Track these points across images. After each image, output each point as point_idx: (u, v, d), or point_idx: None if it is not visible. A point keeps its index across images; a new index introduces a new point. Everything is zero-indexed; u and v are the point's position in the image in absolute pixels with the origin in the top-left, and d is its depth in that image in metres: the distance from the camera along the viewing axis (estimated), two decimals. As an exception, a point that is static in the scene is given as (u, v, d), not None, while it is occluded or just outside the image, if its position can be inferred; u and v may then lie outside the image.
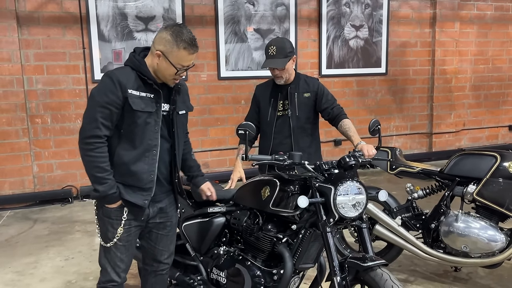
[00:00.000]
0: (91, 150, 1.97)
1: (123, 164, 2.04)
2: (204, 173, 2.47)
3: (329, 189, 1.99)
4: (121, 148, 2.04)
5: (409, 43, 6.90)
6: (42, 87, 5.22)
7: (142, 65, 2.03)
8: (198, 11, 5.72)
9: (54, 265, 3.54)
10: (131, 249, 2.16)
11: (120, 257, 2.12)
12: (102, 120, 1.97)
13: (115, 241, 2.08)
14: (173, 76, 2.02)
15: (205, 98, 5.88)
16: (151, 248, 2.26)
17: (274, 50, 2.76)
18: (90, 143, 1.97)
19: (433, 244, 2.95)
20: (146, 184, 2.07)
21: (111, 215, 2.08)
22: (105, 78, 2.01)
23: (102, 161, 1.99)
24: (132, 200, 2.05)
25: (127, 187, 2.05)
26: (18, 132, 5.13)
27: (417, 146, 7.24)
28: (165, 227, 2.25)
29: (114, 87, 1.97)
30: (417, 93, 7.10)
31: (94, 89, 2.03)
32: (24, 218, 4.77)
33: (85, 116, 2.01)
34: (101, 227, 2.12)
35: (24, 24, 5.07)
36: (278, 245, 2.19)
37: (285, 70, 2.80)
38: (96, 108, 1.97)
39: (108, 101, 1.96)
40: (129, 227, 2.10)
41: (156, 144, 2.06)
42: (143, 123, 2.02)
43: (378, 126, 2.44)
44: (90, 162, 1.98)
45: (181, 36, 1.96)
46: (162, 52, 1.98)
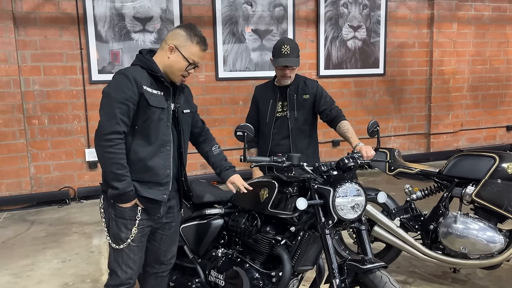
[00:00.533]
0: (111, 146, 1.95)
1: (139, 161, 2.04)
2: (230, 165, 2.39)
3: (328, 191, 1.98)
4: (136, 145, 2.04)
5: (407, 43, 6.91)
6: (39, 88, 5.19)
7: (152, 63, 2.06)
8: (195, 12, 5.71)
9: (51, 267, 3.52)
10: (143, 250, 2.15)
11: (133, 258, 2.10)
12: (121, 116, 1.97)
13: (129, 242, 2.06)
14: (182, 71, 2.07)
15: (203, 99, 5.87)
16: (155, 249, 2.26)
17: (288, 49, 2.76)
18: (110, 139, 1.95)
19: (431, 245, 2.94)
20: (163, 179, 2.08)
21: (125, 215, 2.06)
22: (119, 76, 2.02)
23: (121, 158, 1.98)
24: (151, 196, 2.05)
25: (143, 184, 2.05)
26: (15, 133, 5.10)
27: (415, 147, 7.25)
28: (170, 227, 2.25)
29: (130, 83, 1.99)
30: (415, 94, 7.10)
31: (108, 88, 2.03)
32: (21, 220, 4.74)
33: (103, 113, 2.00)
34: (113, 229, 2.08)
35: (21, 25, 5.04)
36: (277, 247, 2.18)
37: (294, 70, 2.83)
38: (114, 104, 1.96)
39: (126, 97, 1.97)
40: (142, 227, 2.10)
41: (170, 140, 2.09)
42: (157, 119, 2.05)
43: (376, 127, 2.43)
44: (110, 159, 1.96)
45: (195, 32, 2.06)
46: (175, 46, 2.04)
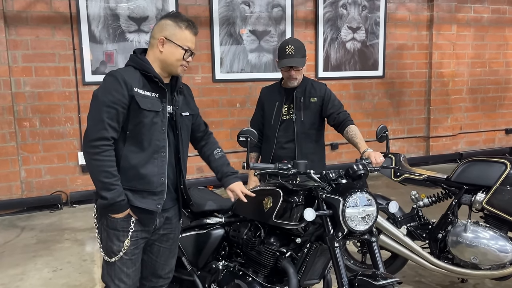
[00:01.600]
0: (98, 153, 1.82)
1: (131, 168, 1.90)
2: (232, 171, 2.24)
3: (337, 201, 1.86)
4: (128, 151, 1.90)
5: (406, 45, 6.82)
6: (30, 89, 5.03)
7: (145, 63, 1.93)
8: (192, 12, 5.58)
9: (42, 277, 3.37)
10: (138, 263, 2.01)
11: (126, 272, 1.96)
12: (108, 121, 1.83)
13: (121, 255, 1.93)
14: (180, 61, 1.94)
15: (199, 101, 5.68)
16: (152, 262, 2.11)
17: (293, 50, 2.67)
18: (97, 146, 1.82)
19: (440, 254, 2.83)
20: (157, 188, 1.94)
21: (117, 226, 1.92)
22: (108, 78, 1.89)
23: (110, 165, 1.84)
24: (144, 206, 1.91)
25: (136, 193, 1.91)
26: (5, 136, 4.94)
27: (414, 150, 7.16)
28: (168, 239, 2.10)
29: (119, 85, 1.85)
30: (414, 96, 7.02)
31: (97, 90, 1.89)
32: (11, 226, 4.58)
33: (89, 118, 1.87)
34: (105, 241, 1.95)
35: (11, 24, 4.88)
36: (282, 259, 2.05)
37: (300, 72, 2.71)
38: (101, 108, 1.83)
39: (114, 100, 1.84)
40: (136, 239, 1.95)
41: (164, 145, 1.96)
42: (150, 123, 1.91)
43: (386, 132, 2.32)
44: (97, 167, 1.82)
45: (181, 18, 1.95)
46: (166, 37, 1.92)
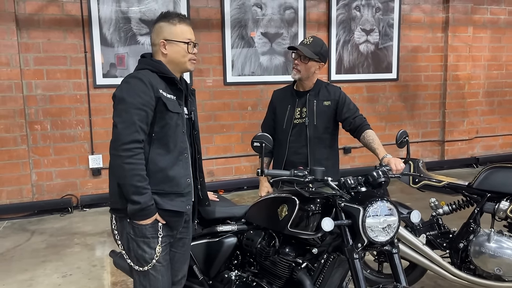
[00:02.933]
0: (131, 157, 1.77)
1: (159, 171, 1.86)
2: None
3: (357, 210, 1.77)
4: (155, 154, 1.87)
5: (420, 48, 6.69)
6: (41, 93, 5.02)
7: (161, 65, 1.93)
8: (204, 14, 5.53)
9: (51, 283, 3.32)
10: (169, 270, 1.97)
11: (161, 280, 1.92)
12: (139, 123, 1.80)
13: (154, 262, 1.88)
14: (186, 55, 1.95)
15: (210, 104, 5.67)
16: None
17: (309, 41, 2.61)
18: (130, 149, 1.77)
19: (461, 265, 2.71)
20: (185, 189, 1.94)
21: (147, 233, 1.87)
22: (133, 80, 1.85)
23: (142, 169, 1.81)
24: (174, 208, 1.88)
25: (164, 196, 1.87)
26: (16, 139, 4.92)
27: (429, 154, 7.01)
28: (184, 244, 2.07)
29: (146, 88, 1.83)
30: (429, 100, 6.88)
31: (120, 93, 1.85)
32: (21, 230, 4.55)
33: (119, 121, 1.81)
34: (134, 251, 1.89)
35: (23, 27, 4.88)
36: (297, 271, 1.96)
37: (306, 67, 2.59)
38: (131, 110, 1.79)
39: (143, 102, 1.81)
40: (166, 244, 1.93)
41: (187, 147, 1.99)
42: (174, 125, 1.90)
43: (406, 138, 2.23)
44: (131, 171, 1.77)
45: (171, 16, 1.96)
46: (165, 39, 1.94)
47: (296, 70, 2.61)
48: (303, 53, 2.54)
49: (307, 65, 2.58)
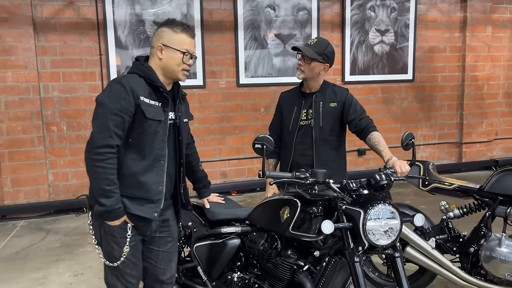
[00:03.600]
0: (102, 160, 1.82)
1: (131, 175, 1.90)
2: (209, 184, 2.42)
3: (357, 213, 1.74)
4: (129, 158, 1.91)
5: (437, 48, 6.57)
6: (58, 95, 5.12)
7: (150, 71, 1.94)
8: (217, 16, 5.55)
9: (63, 282, 3.38)
10: (140, 263, 2.03)
11: (130, 273, 1.99)
12: (114, 129, 1.83)
13: (122, 259, 1.94)
14: (181, 65, 1.95)
15: (223, 105, 5.69)
16: (152, 267, 2.10)
17: (314, 41, 2.61)
18: (101, 153, 1.82)
19: (472, 270, 2.65)
20: (155, 196, 1.95)
21: (115, 234, 1.92)
22: (115, 85, 1.88)
23: (112, 173, 1.84)
24: (141, 214, 1.91)
25: (133, 200, 1.91)
26: (33, 140, 5.03)
27: (446, 156, 6.88)
28: (166, 243, 2.10)
29: (126, 93, 1.85)
30: (446, 101, 6.75)
31: (102, 96, 1.89)
32: (37, 229, 4.65)
33: (95, 124, 1.86)
34: (105, 246, 1.96)
35: (40, 31, 4.98)
36: (299, 273, 1.95)
37: (309, 67, 2.57)
38: (108, 115, 1.83)
39: (121, 108, 1.84)
40: (135, 243, 1.97)
41: (164, 154, 1.98)
42: (153, 132, 1.92)
43: (411, 140, 2.18)
44: (100, 174, 1.83)
45: (176, 23, 1.98)
46: (163, 44, 1.95)
47: (300, 70, 2.61)
48: (306, 54, 2.53)
49: (310, 65, 2.57)
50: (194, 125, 5.58)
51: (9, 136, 4.93)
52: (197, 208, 2.47)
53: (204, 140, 5.66)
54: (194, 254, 2.37)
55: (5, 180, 4.98)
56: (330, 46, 2.63)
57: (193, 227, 2.44)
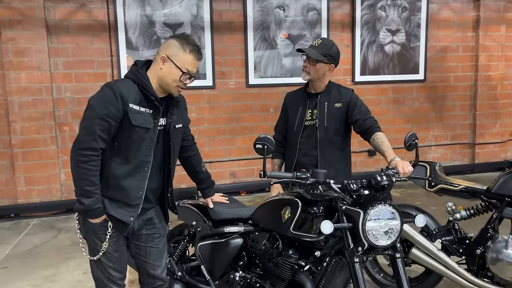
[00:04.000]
0: (84, 162, 1.87)
1: (113, 178, 1.96)
2: (213, 184, 2.46)
3: (357, 213, 1.75)
4: (113, 162, 1.96)
5: (450, 47, 6.50)
6: (70, 95, 5.20)
7: (145, 79, 1.97)
8: (226, 17, 5.58)
9: (72, 279, 3.44)
10: (123, 257, 2.09)
11: (113, 267, 2.07)
12: (100, 133, 1.88)
13: (103, 252, 2.02)
14: (177, 82, 1.98)
15: (233, 106, 5.71)
16: (143, 263, 2.17)
17: (318, 43, 2.61)
18: (85, 155, 1.87)
19: (478, 272, 2.62)
20: (134, 201, 2.00)
21: (96, 230, 2.01)
22: (106, 89, 1.92)
23: (93, 175, 1.90)
24: (117, 216, 1.98)
25: (113, 201, 1.97)
26: (46, 140, 5.12)
27: (458, 157, 6.80)
28: (153, 239, 2.15)
29: (115, 99, 1.89)
30: (458, 101, 6.67)
31: (93, 99, 1.92)
32: (49, 227, 4.73)
33: (82, 126, 1.91)
34: (88, 241, 2.06)
35: (53, 33, 5.08)
36: (300, 273, 1.96)
37: (314, 69, 2.58)
38: (94, 119, 1.87)
39: (108, 113, 1.88)
40: (117, 239, 2.04)
41: (149, 161, 2.01)
42: (139, 139, 1.95)
43: (415, 140, 2.17)
44: (81, 174, 1.89)
45: (187, 41, 1.98)
46: (167, 56, 1.96)
47: (305, 72, 2.62)
48: (310, 56, 2.53)
49: (315, 66, 2.57)
50: (203, 126, 5.63)
51: (22, 136, 5.03)
52: (201, 207, 2.49)
53: (213, 141, 5.69)
54: (198, 253, 2.40)
55: (18, 179, 5.08)
56: (335, 46, 2.63)
57: (197, 227, 2.46)
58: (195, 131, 5.58)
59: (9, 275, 3.54)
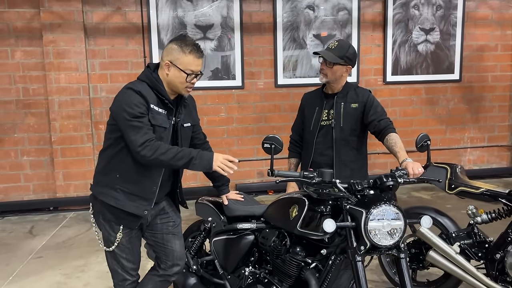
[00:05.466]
0: (154, 150, 1.95)
1: (131, 172, 2.07)
2: (228, 182, 2.53)
3: (360, 213, 1.77)
4: (131, 157, 2.05)
5: (487, 46, 6.28)
6: (105, 95, 5.44)
7: (159, 84, 2.09)
8: (256, 18, 5.66)
9: (100, 270, 3.61)
10: (136, 249, 2.21)
11: (126, 257, 2.19)
12: (145, 126, 1.98)
13: (117, 243, 2.13)
14: (184, 83, 2.08)
15: (261, 106, 5.78)
16: (161, 249, 2.28)
17: (334, 45, 2.64)
18: (146, 146, 1.95)
19: (497, 277, 2.55)
20: (148, 195, 2.12)
21: (111, 221, 2.12)
22: (129, 92, 2.04)
23: (164, 147, 1.96)
24: (131, 211, 2.08)
25: (128, 195, 2.08)
26: (83, 138, 5.39)
27: (496, 160, 6.55)
28: (168, 227, 2.28)
29: (141, 99, 2.02)
30: (496, 102, 6.43)
31: (118, 105, 2.02)
32: (84, 221, 4.98)
33: (128, 131, 1.98)
34: (102, 232, 2.18)
35: (91, 35, 5.33)
36: (306, 270, 1.99)
37: (331, 71, 2.61)
38: (133, 120, 1.97)
39: (141, 111, 2.00)
40: (129, 231, 2.15)
41: None
42: (158, 138, 2.05)
43: (427, 141, 2.15)
44: (166, 155, 1.95)
45: (185, 43, 2.08)
46: (170, 62, 2.07)
47: (322, 74, 2.65)
48: (327, 59, 2.56)
49: (332, 69, 2.60)
50: (232, 125, 5.73)
51: (61, 134, 5.31)
52: (217, 204, 2.57)
53: (242, 140, 5.78)
54: (212, 247, 2.48)
55: (57, 174, 5.37)
56: (352, 48, 2.64)
57: (212, 222, 2.55)
58: (224, 130, 5.72)
59: (43, 264, 3.78)
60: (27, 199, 5.40)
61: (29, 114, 5.31)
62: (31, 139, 5.35)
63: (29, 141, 5.35)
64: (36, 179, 5.42)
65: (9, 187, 5.37)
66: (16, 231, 4.67)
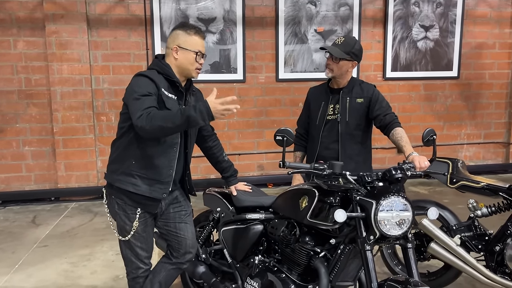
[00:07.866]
0: (150, 118, 1.91)
1: (146, 157, 2.13)
2: (236, 173, 2.59)
3: (370, 204, 1.83)
4: (146, 142, 2.11)
5: (486, 44, 6.36)
6: (107, 87, 5.46)
7: (168, 68, 2.16)
8: (258, 12, 5.69)
9: (106, 259, 3.67)
10: (150, 238, 2.27)
11: (140, 246, 2.24)
12: (150, 104, 1.99)
13: (133, 233, 2.18)
14: (194, 63, 2.16)
15: (262, 100, 5.83)
16: (174, 238, 2.33)
17: (341, 41, 2.69)
18: (142, 114, 1.93)
19: (497, 269, 2.64)
20: (165, 178, 2.18)
21: (126, 209, 2.17)
22: (140, 77, 2.11)
23: (159, 113, 1.95)
24: (151, 195, 2.14)
25: (145, 180, 2.14)
26: (85, 129, 5.41)
27: (492, 157, 6.66)
28: (180, 216, 2.34)
29: (152, 83, 2.08)
30: (493, 99, 6.53)
31: (131, 87, 2.08)
32: (86, 211, 5.02)
33: (130, 105, 2.01)
34: (118, 222, 2.22)
35: (93, 27, 5.34)
36: (315, 259, 2.06)
37: (338, 66, 2.66)
38: (140, 97, 1.99)
39: (150, 91, 2.04)
40: (144, 219, 2.21)
41: (177, 142, 2.19)
42: None
43: (433, 136, 2.22)
44: (161, 120, 1.91)
45: (188, 26, 2.20)
46: (178, 45, 2.16)
47: (328, 69, 2.70)
48: (333, 54, 2.62)
49: (338, 64, 2.65)
50: (233, 119, 5.78)
51: (63, 124, 5.34)
52: (225, 195, 2.63)
53: (242, 133, 5.83)
54: (221, 237, 2.54)
55: (59, 165, 5.40)
56: (358, 43, 2.69)
57: (221, 213, 2.60)
58: (224, 123, 5.76)
59: (49, 252, 3.82)
60: (29, 189, 5.43)
61: (31, 105, 5.32)
62: (33, 130, 5.37)
63: (31, 132, 5.37)
64: (38, 170, 5.44)
65: (11, 177, 5.39)
66: (19, 220, 4.70)
